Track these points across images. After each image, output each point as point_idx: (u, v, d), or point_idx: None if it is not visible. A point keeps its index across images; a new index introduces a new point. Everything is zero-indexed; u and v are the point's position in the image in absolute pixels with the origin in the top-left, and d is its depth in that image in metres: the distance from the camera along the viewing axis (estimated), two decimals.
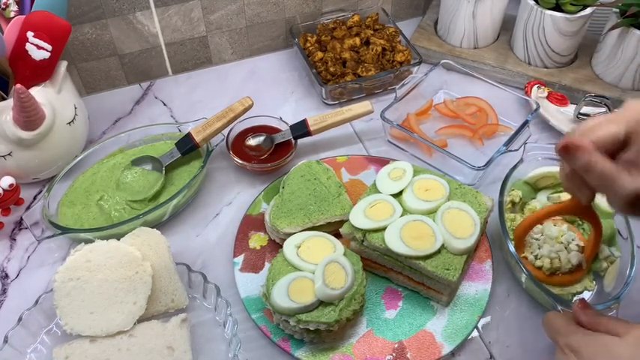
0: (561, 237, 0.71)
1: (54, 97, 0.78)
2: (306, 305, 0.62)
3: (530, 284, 0.68)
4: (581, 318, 0.56)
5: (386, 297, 0.71)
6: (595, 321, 0.55)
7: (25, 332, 0.65)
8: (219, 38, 1.01)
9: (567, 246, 0.70)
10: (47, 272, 0.75)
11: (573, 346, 0.53)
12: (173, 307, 0.68)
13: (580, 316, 0.56)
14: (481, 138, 0.89)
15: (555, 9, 0.91)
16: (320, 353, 0.65)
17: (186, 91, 1.00)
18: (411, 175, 0.74)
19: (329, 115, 0.86)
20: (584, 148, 0.50)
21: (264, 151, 0.85)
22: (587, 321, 0.55)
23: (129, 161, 0.83)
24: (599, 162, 0.49)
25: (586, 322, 0.55)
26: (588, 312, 0.56)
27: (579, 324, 0.56)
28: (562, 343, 0.55)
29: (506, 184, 0.74)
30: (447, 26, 1.02)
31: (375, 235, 0.68)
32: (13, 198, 0.78)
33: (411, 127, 0.89)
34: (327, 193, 0.76)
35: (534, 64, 0.98)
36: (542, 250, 0.70)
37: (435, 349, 0.66)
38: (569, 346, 0.54)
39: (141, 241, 0.70)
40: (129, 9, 0.91)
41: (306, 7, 1.04)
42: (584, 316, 0.56)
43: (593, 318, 0.55)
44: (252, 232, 0.77)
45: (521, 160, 0.76)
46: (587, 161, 0.50)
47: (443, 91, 0.97)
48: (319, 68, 0.96)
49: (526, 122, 0.84)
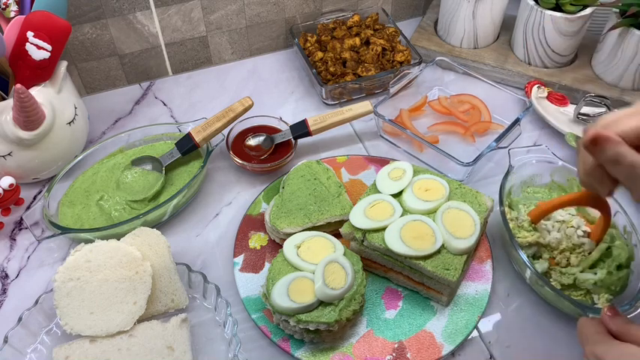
0: (571, 222, 0.71)
1: (54, 97, 0.78)
2: (306, 305, 0.62)
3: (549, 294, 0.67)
4: (610, 326, 0.54)
5: (386, 297, 0.71)
6: (624, 329, 0.53)
7: (25, 332, 0.65)
8: (219, 38, 1.01)
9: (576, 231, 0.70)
10: (47, 272, 0.75)
11: (598, 355, 0.52)
12: (173, 307, 0.68)
13: (608, 324, 0.54)
14: (473, 135, 0.89)
15: (555, 9, 0.91)
16: (320, 353, 0.65)
17: (186, 91, 1.00)
18: (411, 175, 0.74)
19: (329, 115, 0.86)
20: (613, 140, 0.49)
21: (264, 151, 0.85)
22: (616, 329, 0.54)
23: (129, 161, 0.83)
24: (628, 154, 0.49)
25: (615, 330, 0.54)
26: (617, 320, 0.54)
27: (609, 332, 0.54)
28: (588, 350, 0.54)
29: (502, 193, 0.73)
30: (446, 26, 1.02)
31: (375, 235, 0.68)
32: (13, 198, 0.78)
33: (403, 122, 0.89)
34: (327, 193, 0.76)
35: (534, 64, 0.98)
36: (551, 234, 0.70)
37: (435, 349, 0.66)
38: (594, 355, 0.53)
39: (141, 241, 0.70)
40: (129, 9, 0.91)
41: (306, 7, 1.04)
42: (612, 325, 0.54)
43: (622, 326, 0.54)
44: (252, 232, 0.77)
45: (511, 167, 0.76)
46: (617, 152, 0.49)
47: (438, 89, 0.97)
48: (319, 68, 0.96)
49: (517, 120, 0.84)
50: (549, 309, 0.70)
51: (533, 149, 0.79)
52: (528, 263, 0.66)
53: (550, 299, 0.69)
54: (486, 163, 0.87)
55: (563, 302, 0.66)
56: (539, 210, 0.70)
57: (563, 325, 0.69)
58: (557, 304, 0.69)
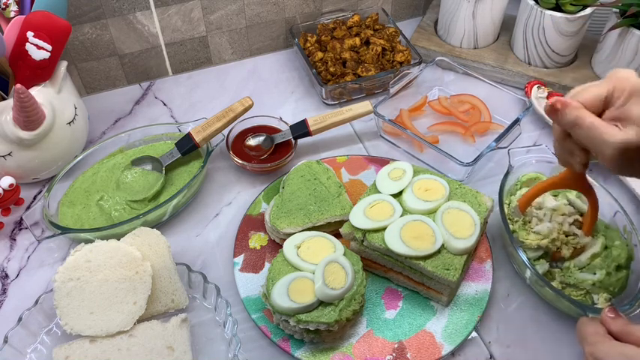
0: (563, 208, 0.72)
1: (54, 97, 0.78)
2: (306, 305, 0.62)
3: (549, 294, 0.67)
4: (611, 327, 0.54)
5: (386, 297, 0.71)
6: (625, 330, 0.54)
7: (25, 332, 0.65)
8: (219, 38, 1.01)
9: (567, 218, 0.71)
10: (47, 272, 0.75)
11: (598, 357, 0.52)
12: (173, 307, 0.68)
13: (609, 325, 0.55)
14: (473, 135, 0.89)
15: (555, 9, 0.91)
16: (320, 353, 0.65)
17: (186, 91, 1.00)
18: (411, 175, 0.74)
19: (329, 115, 0.86)
20: (571, 105, 0.53)
21: (264, 151, 0.85)
22: (616, 330, 0.54)
23: (129, 161, 0.83)
24: (587, 116, 0.52)
25: (616, 331, 0.54)
26: (618, 321, 0.54)
27: (609, 333, 0.54)
28: (587, 351, 0.54)
29: (502, 193, 0.73)
30: (446, 26, 1.02)
31: (375, 235, 0.68)
32: (13, 198, 0.78)
33: (403, 122, 0.89)
34: (327, 193, 0.76)
35: (534, 64, 0.98)
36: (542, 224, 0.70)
37: (435, 349, 0.66)
38: (593, 355, 0.53)
39: (141, 241, 0.70)
40: (129, 9, 0.91)
41: (306, 7, 1.04)
42: (613, 326, 0.54)
43: (623, 327, 0.54)
44: (252, 232, 0.77)
45: (511, 167, 0.76)
46: (575, 116, 0.52)
47: (438, 89, 0.97)
48: (319, 68, 0.96)
49: (517, 120, 0.84)
50: (549, 309, 0.70)
51: (534, 149, 0.79)
52: (528, 263, 0.66)
53: (550, 299, 0.69)
54: (486, 163, 0.87)
55: (563, 302, 0.66)
56: (525, 197, 0.70)
57: (563, 325, 0.68)
58: (557, 304, 0.69)
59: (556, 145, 0.59)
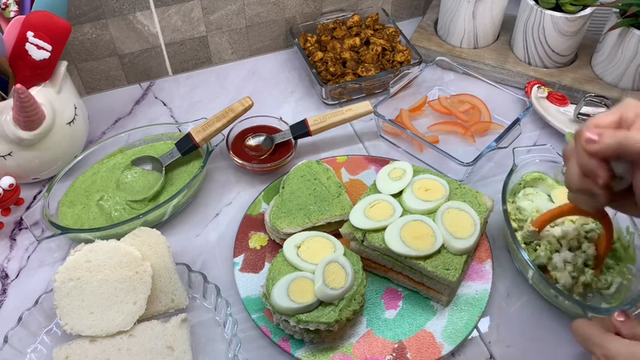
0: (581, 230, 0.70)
1: (54, 97, 0.78)
2: (306, 305, 0.62)
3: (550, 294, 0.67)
4: (622, 331, 0.54)
5: (386, 297, 0.71)
6: (637, 332, 0.53)
7: (25, 332, 0.65)
8: (219, 38, 1.01)
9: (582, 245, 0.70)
10: (47, 272, 0.75)
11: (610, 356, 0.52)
12: (173, 307, 0.68)
13: (620, 329, 0.54)
14: (473, 135, 0.89)
15: (555, 9, 0.91)
16: (320, 353, 0.65)
17: (186, 91, 1.00)
18: (411, 175, 0.74)
19: (329, 115, 0.86)
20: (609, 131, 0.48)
21: (264, 151, 0.85)
22: (627, 333, 0.53)
23: (129, 161, 0.83)
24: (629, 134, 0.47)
25: (627, 334, 0.53)
26: (629, 323, 0.54)
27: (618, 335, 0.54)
28: (599, 353, 0.53)
29: (505, 192, 0.73)
30: (446, 26, 1.02)
31: (375, 235, 0.68)
32: (13, 198, 0.78)
33: (403, 122, 0.89)
34: (327, 193, 0.76)
35: (534, 64, 0.98)
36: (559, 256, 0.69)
37: (435, 349, 0.66)
38: (606, 357, 0.52)
39: (141, 241, 0.70)
40: (129, 9, 0.91)
41: (306, 7, 1.04)
42: (624, 329, 0.54)
43: (634, 329, 0.53)
44: (252, 232, 0.77)
45: (515, 166, 0.76)
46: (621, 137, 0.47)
47: (438, 89, 0.97)
48: (319, 68, 0.96)
49: (517, 120, 0.84)
50: (550, 309, 0.70)
51: (537, 149, 0.78)
52: (530, 262, 0.66)
53: (551, 299, 0.69)
54: (486, 163, 0.87)
55: (564, 302, 0.66)
56: (543, 218, 0.69)
57: (563, 325, 0.68)
58: (558, 303, 0.69)
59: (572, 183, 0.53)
